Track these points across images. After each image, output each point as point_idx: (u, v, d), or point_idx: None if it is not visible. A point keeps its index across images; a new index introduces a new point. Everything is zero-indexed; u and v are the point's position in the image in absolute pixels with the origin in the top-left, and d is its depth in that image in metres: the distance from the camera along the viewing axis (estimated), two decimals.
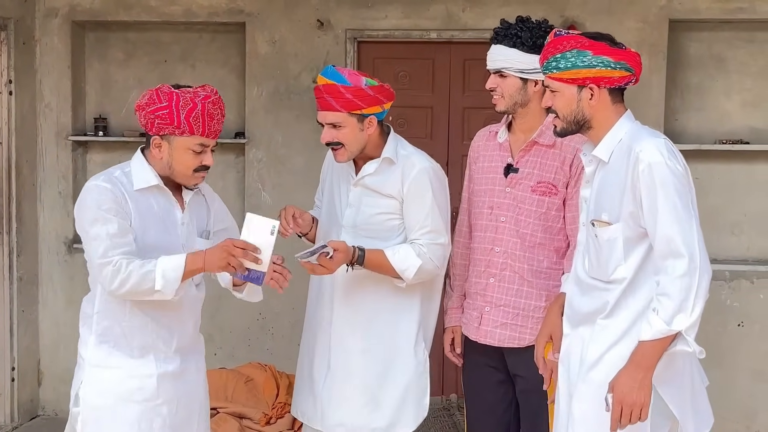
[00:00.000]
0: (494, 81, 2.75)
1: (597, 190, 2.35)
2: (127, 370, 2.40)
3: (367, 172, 2.73)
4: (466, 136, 4.51)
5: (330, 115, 2.64)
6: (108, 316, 2.41)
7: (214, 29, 4.70)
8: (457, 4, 4.38)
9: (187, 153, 2.40)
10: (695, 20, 4.28)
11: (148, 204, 2.42)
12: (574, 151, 2.70)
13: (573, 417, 2.34)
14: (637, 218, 2.23)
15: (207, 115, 2.39)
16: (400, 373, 2.73)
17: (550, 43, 2.36)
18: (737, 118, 4.44)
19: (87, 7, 4.60)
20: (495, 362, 2.82)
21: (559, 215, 2.72)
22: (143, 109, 2.40)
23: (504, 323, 2.76)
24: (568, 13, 4.30)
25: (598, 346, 2.31)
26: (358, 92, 2.62)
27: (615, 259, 2.28)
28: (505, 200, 2.77)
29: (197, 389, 2.57)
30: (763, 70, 4.40)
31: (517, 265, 2.74)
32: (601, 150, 2.34)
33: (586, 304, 2.36)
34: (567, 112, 2.35)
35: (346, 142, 2.66)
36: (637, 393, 2.16)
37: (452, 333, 2.94)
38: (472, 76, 4.49)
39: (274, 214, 2.64)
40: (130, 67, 4.78)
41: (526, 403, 2.78)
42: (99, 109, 4.79)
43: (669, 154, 2.20)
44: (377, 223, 2.72)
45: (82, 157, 4.80)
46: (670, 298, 2.14)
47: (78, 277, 4.68)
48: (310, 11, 4.47)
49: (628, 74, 2.31)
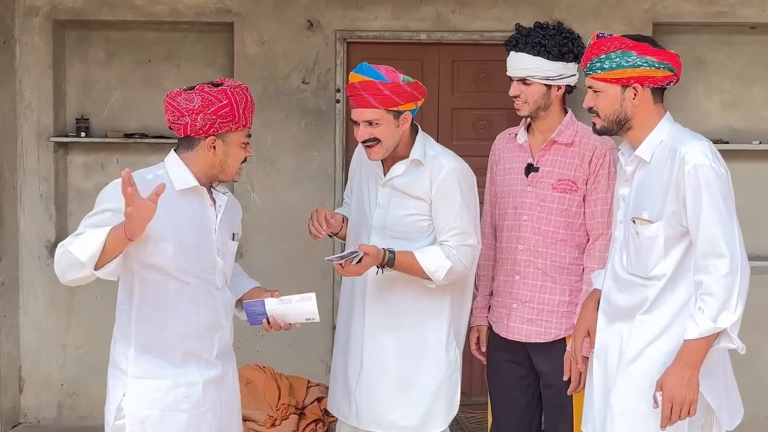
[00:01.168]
0: (518, 88, 2.80)
1: (637, 189, 2.41)
2: (173, 379, 2.36)
3: (395, 174, 2.74)
4: (455, 136, 4.56)
5: (368, 112, 2.63)
6: (148, 327, 2.35)
7: (199, 29, 4.65)
8: (447, 5, 4.42)
9: (239, 148, 2.40)
10: (678, 23, 4.40)
11: (183, 208, 2.37)
12: (593, 149, 2.77)
13: (613, 411, 2.40)
14: (679, 217, 2.30)
15: (252, 104, 2.42)
16: (433, 372, 2.75)
17: (593, 45, 2.42)
18: (717, 119, 4.58)
19: (69, 5, 4.50)
20: (519, 358, 2.88)
21: (579, 211, 2.79)
22: (201, 111, 2.32)
23: (530, 319, 2.82)
24: (556, 15, 4.38)
25: (638, 341, 2.38)
26: (396, 88, 2.63)
27: (655, 256, 2.34)
28: (527, 199, 2.83)
29: (235, 392, 2.56)
30: (741, 73, 4.56)
31: (540, 261, 2.81)
32: (643, 150, 2.40)
33: (623, 299, 2.43)
34: (610, 111, 2.41)
35: (383, 138, 2.66)
36: (686, 390, 2.24)
37: (477, 332, 3.01)
38: (461, 77, 4.55)
39: (262, 214, 2.63)
40: (112, 66, 4.70)
41: (550, 397, 2.84)
42: (80, 109, 4.69)
43: (713, 157, 2.29)
44: (407, 224, 2.72)
45: (64, 159, 4.70)
46: (715, 297, 2.21)
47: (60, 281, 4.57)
48: (300, 12, 4.46)
49: (670, 74, 2.39)
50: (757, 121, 4.58)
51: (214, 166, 2.39)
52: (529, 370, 2.88)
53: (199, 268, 2.38)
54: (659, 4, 4.37)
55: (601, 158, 2.76)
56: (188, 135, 2.36)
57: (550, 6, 4.40)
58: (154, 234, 2.27)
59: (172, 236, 2.31)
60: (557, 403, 2.81)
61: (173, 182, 2.36)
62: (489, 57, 4.47)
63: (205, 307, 2.39)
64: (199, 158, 2.39)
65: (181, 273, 2.34)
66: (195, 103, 2.33)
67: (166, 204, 2.27)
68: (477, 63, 4.52)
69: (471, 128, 4.58)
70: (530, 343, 2.84)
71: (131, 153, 4.70)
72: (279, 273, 4.31)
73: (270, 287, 2.60)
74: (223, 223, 2.47)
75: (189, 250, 2.35)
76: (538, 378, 2.88)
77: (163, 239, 2.29)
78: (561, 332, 2.81)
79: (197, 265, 2.38)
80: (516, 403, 2.90)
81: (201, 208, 2.41)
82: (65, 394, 4.66)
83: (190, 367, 2.38)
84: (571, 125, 2.83)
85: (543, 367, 2.84)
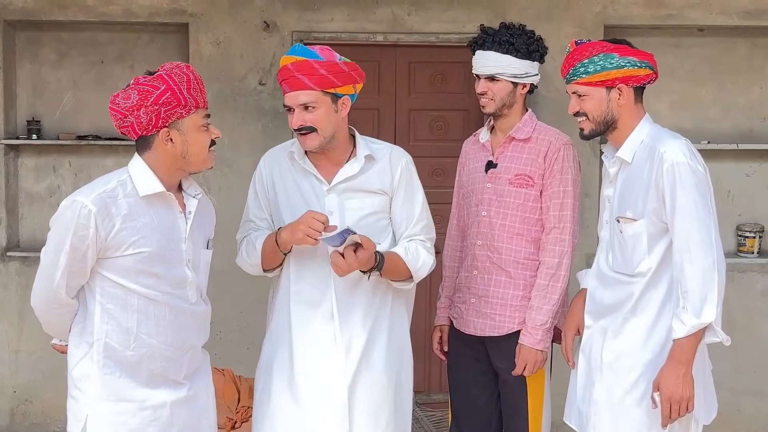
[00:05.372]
0: (485, 86, 2.83)
1: (621, 189, 2.48)
2: (139, 401, 2.22)
3: (349, 174, 2.52)
4: (412, 137, 4.59)
5: (302, 94, 2.41)
6: (112, 346, 2.20)
7: (153, 29, 4.60)
8: (403, 7, 4.45)
9: (199, 132, 2.22)
10: (628, 26, 4.49)
11: (148, 217, 2.20)
12: (548, 144, 2.83)
13: (597, 403, 2.46)
14: (659, 214, 2.37)
15: (200, 83, 2.24)
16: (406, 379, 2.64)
17: (574, 51, 2.48)
18: (666, 119, 4.67)
19: (19, 6, 4.42)
20: (478, 354, 2.92)
21: (536, 206, 2.83)
22: (141, 106, 2.15)
23: (485, 313, 2.86)
24: (509, 17, 4.42)
25: (622, 338, 2.44)
26: (333, 67, 2.42)
27: (639, 253, 2.41)
28: (486, 195, 2.88)
29: (208, 409, 2.41)
30: (688, 74, 4.67)
31: (495, 256, 2.85)
32: (625, 152, 2.48)
33: (609, 296, 2.49)
34: (598, 113, 2.48)
35: (319, 125, 2.43)
36: (682, 388, 2.30)
37: (440, 331, 3.04)
38: (418, 78, 4.59)
39: (219, 216, 2.50)
40: (64, 67, 4.62)
41: (506, 394, 2.88)
42: (31, 111, 4.61)
43: (691, 155, 2.36)
44: (366, 226, 2.51)
45: (14, 162, 4.61)
46: (695, 293, 2.28)
47: (12, 286, 4.50)
48: (256, 13, 4.44)
49: (651, 72, 2.48)
50: (704, 121, 4.70)
51: (177, 159, 2.22)
52: (489, 366, 2.92)
53: (166, 284, 2.23)
54: (609, 7, 4.46)
55: (555, 153, 2.81)
56: (141, 135, 2.21)
57: (503, 9, 4.46)
58: (115, 248, 2.16)
59: (134, 250, 2.17)
60: (513, 400, 2.85)
61: (137, 188, 2.20)
62: (445, 59, 4.52)
63: (173, 327, 2.25)
64: (159, 156, 2.22)
65: (145, 289, 2.20)
66: (132, 100, 2.17)
67: (129, 214, 2.17)
68: (433, 64, 4.56)
69: (428, 129, 4.61)
70: (486, 338, 2.87)
71: (84, 155, 4.63)
72: (235, 275, 4.28)
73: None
74: (194, 230, 2.30)
75: (154, 265, 2.20)
76: (497, 375, 2.91)
77: (125, 253, 2.16)
78: (514, 326, 2.84)
79: (164, 281, 2.22)
80: (476, 400, 2.93)
81: (169, 215, 2.25)
82: (18, 400, 4.57)
83: (158, 388, 2.24)
84: (530, 123, 2.88)
85: (499, 362, 2.87)
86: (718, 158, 4.57)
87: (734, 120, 4.71)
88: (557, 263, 2.79)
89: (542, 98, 4.33)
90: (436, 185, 4.48)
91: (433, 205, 4.44)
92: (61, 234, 2.16)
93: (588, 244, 4.35)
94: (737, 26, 4.51)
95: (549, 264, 2.79)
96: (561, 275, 2.79)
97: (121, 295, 2.20)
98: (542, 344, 2.78)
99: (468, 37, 3.10)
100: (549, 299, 2.78)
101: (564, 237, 2.80)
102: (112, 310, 2.20)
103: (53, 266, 2.18)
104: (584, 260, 4.24)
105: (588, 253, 4.31)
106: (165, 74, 2.19)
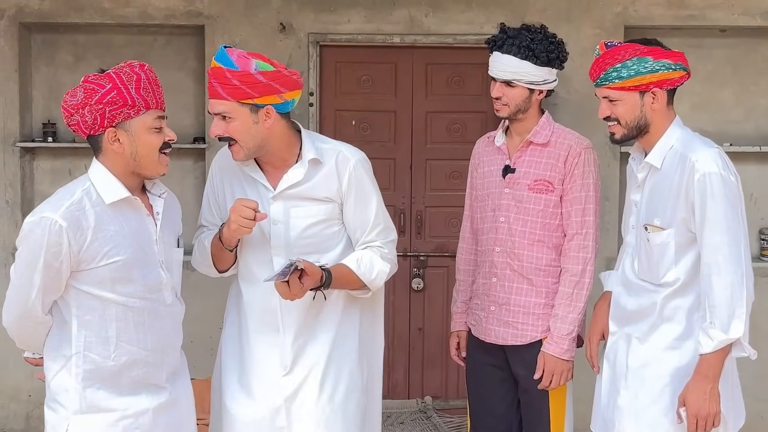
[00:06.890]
0: (501, 90, 2.77)
1: (649, 196, 2.42)
2: (121, 411, 2.19)
3: (293, 181, 2.39)
4: (429, 139, 4.55)
5: (218, 104, 2.29)
6: (91, 358, 2.17)
7: (169, 32, 4.59)
8: (420, 9, 4.41)
9: (149, 134, 2.15)
10: (649, 27, 4.42)
11: (117, 224, 2.16)
12: (568, 148, 2.77)
13: (621, 411, 2.41)
14: (688, 224, 2.31)
15: (154, 83, 2.17)
16: None
17: (605, 55, 2.41)
18: (687, 121, 4.44)
19: (35, 8, 4.42)
20: (498, 361, 2.87)
21: (556, 212, 2.78)
22: (86, 104, 2.11)
23: (506, 321, 2.81)
24: (528, 19, 4.37)
25: (649, 344, 2.39)
26: (245, 78, 2.26)
27: (666, 263, 2.35)
28: (504, 201, 2.82)
29: (188, 411, 2.41)
30: (710, 75, 4.60)
31: (516, 263, 2.79)
32: (654, 157, 2.41)
33: (633, 303, 2.44)
34: (630, 118, 2.41)
35: (238, 136, 2.30)
36: (709, 404, 2.25)
37: (457, 337, 2.99)
38: (435, 80, 4.54)
39: None
40: (80, 70, 4.60)
41: (526, 403, 2.82)
42: (47, 114, 4.61)
43: (723, 165, 2.30)
44: (314, 234, 2.41)
45: (30, 164, 4.61)
46: (723, 308, 2.23)
47: None
48: (272, 14, 4.41)
49: (684, 73, 2.42)
50: (727, 124, 4.62)
51: (128, 161, 2.17)
52: (508, 373, 2.87)
53: (143, 289, 2.20)
54: (630, 7, 4.39)
55: (576, 157, 2.76)
56: (89, 135, 2.16)
57: (523, 10, 4.40)
58: (88, 260, 2.12)
59: (108, 260, 2.14)
60: (534, 408, 2.80)
61: (102, 196, 2.16)
62: (462, 60, 4.47)
63: (152, 331, 2.22)
64: (111, 158, 2.17)
65: (123, 297, 2.17)
66: (78, 97, 2.13)
67: (98, 224, 2.13)
68: (450, 66, 4.51)
69: (445, 131, 4.56)
70: (508, 346, 2.83)
71: None
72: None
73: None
74: (164, 230, 2.28)
75: (129, 272, 2.17)
76: (517, 382, 2.86)
77: (99, 264, 2.13)
78: (537, 334, 2.79)
79: (141, 286, 2.19)
80: (495, 407, 2.88)
81: (137, 219, 2.21)
82: (33, 404, 4.55)
83: (138, 395, 2.22)
84: (547, 126, 2.82)
85: (520, 370, 2.82)
86: (741, 161, 4.47)
87: (757, 122, 4.63)
88: (581, 270, 2.73)
89: (561, 100, 4.27)
90: (454, 188, 4.44)
91: (451, 208, 4.44)
92: (33, 252, 2.12)
93: (608, 248, 4.29)
94: (760, 27, 4.43)
95: (573, 271, 2.74)
96: (585, 282, 2.74)
97: (98, 306, 2.16)
98: (568, 354, 2.73)
99: (486, 38, 3.05)
100: (574, 307, 2.73)
101: (587, 243, 2.74)
102: (89, 322, 2.17)
103: (28, 285, 2.14)
104: (604, 264, 4.17)
105: (608, 256, 4.25)
106: (113, 73, 2.15)
